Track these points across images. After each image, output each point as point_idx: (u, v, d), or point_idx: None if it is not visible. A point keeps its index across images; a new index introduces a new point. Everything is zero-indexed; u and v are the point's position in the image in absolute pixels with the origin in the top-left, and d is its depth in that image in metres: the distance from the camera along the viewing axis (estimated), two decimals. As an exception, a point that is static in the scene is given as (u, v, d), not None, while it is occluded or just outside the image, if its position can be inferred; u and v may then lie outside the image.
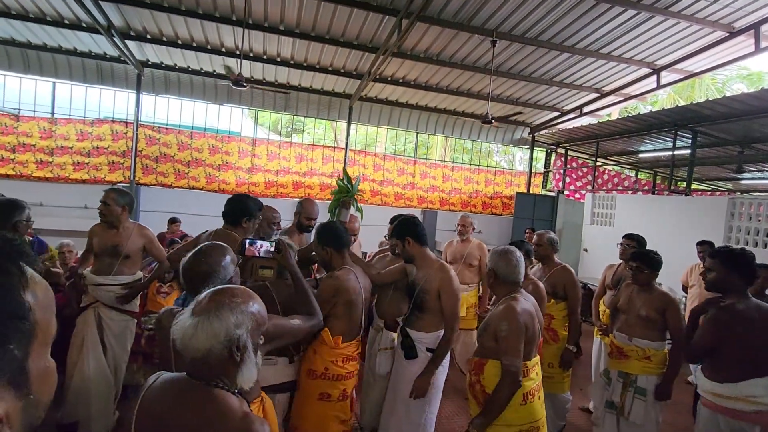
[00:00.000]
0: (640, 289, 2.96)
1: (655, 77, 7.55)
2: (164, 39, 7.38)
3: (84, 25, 6.89)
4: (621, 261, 3.85)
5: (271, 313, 2.03)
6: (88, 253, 3.30)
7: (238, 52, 6.72)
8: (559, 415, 3.50)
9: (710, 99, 6.57)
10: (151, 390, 1.17)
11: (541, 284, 3.10)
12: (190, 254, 1.61)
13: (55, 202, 7.77)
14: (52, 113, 8.15)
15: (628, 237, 3.84)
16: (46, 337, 0.59)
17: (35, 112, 8.03)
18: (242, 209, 2.54)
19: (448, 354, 2.68)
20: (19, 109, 7.90)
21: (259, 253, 2.05)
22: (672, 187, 8.84)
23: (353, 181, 2.92)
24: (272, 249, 2.05)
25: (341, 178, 2.96)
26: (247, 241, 2.05)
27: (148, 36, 7.30)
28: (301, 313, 1.92)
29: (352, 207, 2.97)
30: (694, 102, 6.82)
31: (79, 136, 8.01)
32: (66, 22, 6.91)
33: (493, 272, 2.28)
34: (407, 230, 2.61)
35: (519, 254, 2.29)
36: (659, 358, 2.86)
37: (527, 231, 8.19)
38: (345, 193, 2.88)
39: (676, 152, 7.82)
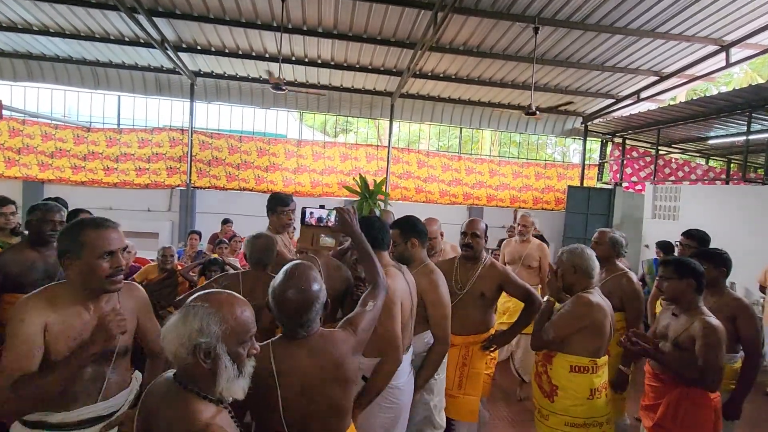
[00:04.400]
0: (706, 293, 2.55)
1: (723, 55, 6.80)
2: (213, 49, 7.79)
3: (141, 41, 7.43)
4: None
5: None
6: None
7: (280, 57, 6.94)
8: None
9: (790, 75, 5.82)
10: (151, 385, 1.23)
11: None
12: (280, 286, 1.46)
13: (122, 206, 8.47)
14: (118, 124, 8.89)
15: (688, 235, 3.35)
16: None
17: (104, 124, 8.80)
18: (267, 206, 2.95)
19: (444, 380, 2.38)
20: (90, 122, 8.71)
21: (319, 223, 2.05)
22: (752, 175, 7.93)
23: (370, 186, 2.86)
24: (333, 218, 1.99)
25: (356, 180, 2.94)
26: (308, 210, 2.03)
27: (199, 47, 7.74)
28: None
29: (376, 210, 2.93)
30: (770, 79, 6.08)
31: (140, 143, 8.68)
32: (126, 39, 7.50)
33: (573, 268, 2.34)
34: (415, 230, 2.27)
35: (591, 250, 2.41)
36: (729, 373, 2.43)
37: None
38: (365, 198, 2.86)
39: (752, 137, 7.02)
